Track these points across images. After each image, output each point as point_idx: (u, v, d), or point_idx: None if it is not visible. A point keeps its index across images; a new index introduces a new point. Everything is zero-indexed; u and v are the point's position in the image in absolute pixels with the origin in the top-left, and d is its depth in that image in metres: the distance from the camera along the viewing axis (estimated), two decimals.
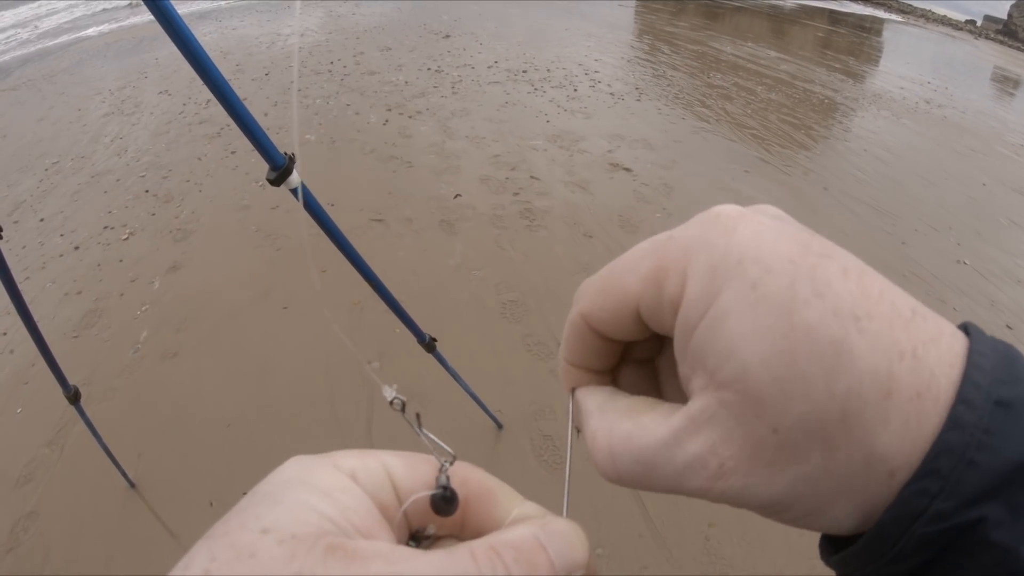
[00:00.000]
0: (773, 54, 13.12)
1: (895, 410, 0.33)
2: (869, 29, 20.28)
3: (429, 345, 2.35)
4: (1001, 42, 25.39)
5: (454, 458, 0.41)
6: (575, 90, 8.95)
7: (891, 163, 7.99)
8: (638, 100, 8.87)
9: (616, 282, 0.40)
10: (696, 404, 0.35)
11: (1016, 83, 15.81)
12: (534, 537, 0.35)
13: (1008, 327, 5.01)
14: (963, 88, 13.20)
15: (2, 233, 1.91)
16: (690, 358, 0.36)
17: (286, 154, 1.47)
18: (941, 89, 12.58)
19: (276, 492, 0.35)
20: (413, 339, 2.34)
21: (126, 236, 5.22)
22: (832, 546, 0.42)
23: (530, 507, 0.41)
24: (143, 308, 4.41)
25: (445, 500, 0.38)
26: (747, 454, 0.34)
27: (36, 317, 2.16)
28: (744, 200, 0.38)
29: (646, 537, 3.02)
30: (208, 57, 1.27)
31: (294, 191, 1.51)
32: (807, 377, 0.32)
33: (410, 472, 0.40)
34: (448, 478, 0.39)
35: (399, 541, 0.38)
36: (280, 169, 1.44)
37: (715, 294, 0.34)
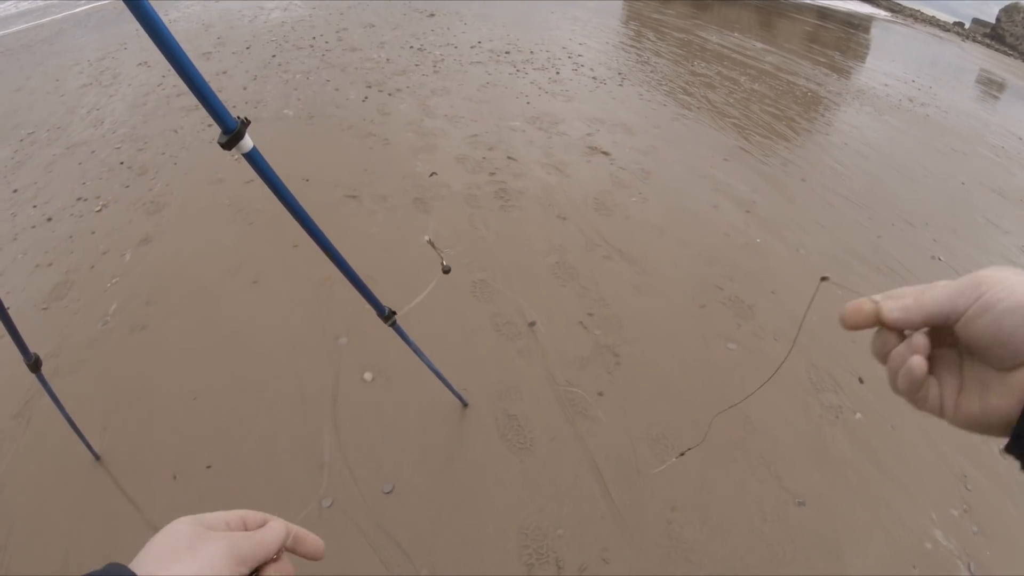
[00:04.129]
0: (759, 45, 13.13)
1: None
2: (857, 26, 20.30)
3: (388, 318, 2.34)
4: (988, 45, 25.45)
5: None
6: (557, 73, 8.93)
7: (871, 158, 8.01)
8: (620, 85, 8.86)
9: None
10: None
11: (1000, 86, 15.87)
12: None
13: None
14: (947, 88, 13.25)
15: None
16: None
17: (239, 118, 1.45)
18: (925, 88, 12.63)
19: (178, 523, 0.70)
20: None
21: (99, 208, 5.18)
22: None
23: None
24: (113, 280, 4.37)
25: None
26: None
27: (6, 289, 2.14)
28: (722, 186, 0.39)
29: (607, 519, 3.02)
30: (155, 12, 1.24)
31: (246, 156, 1.49)
32: None
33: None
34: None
35: None
36: (232, 132, 1.42)
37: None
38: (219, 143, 1.43)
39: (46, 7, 11.97)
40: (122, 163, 5.87)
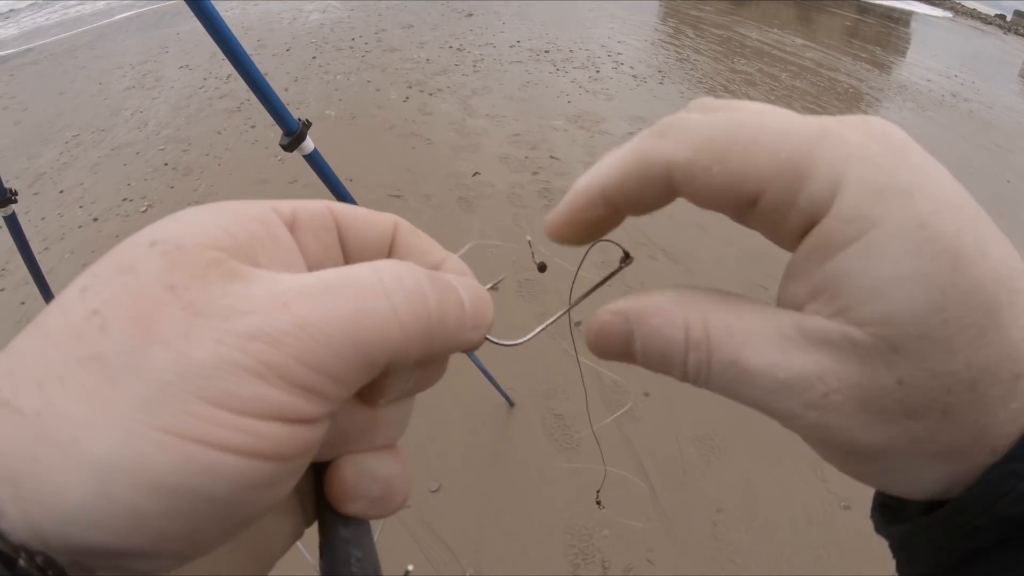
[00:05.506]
0: (799, 41, 13.00)
1: (1019, 393, 0.30)
2: (897, 19, 20.05)
3: None
4: None
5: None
6: (597, 71, 8.90)
7: None
8: (661, 83, 8.82)
9: (743, 151, 0.32)
10: (813, 322, 0.31)
11: None
12: (449, 278, 0.35)
13: None
14: (990, 83, 13.01)
15: (17, 197, 1.91)
16: (819, 280, 0.31)
17: (300, 120, 1.46)
18: (968, 83, 12.41)
19: (186, 211, 0.32)
20: None
21: (145, 208, 5.24)
22: (890, 516, 0.40)
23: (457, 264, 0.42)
24: None
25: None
26: (859, 394, 0.30)
27: (54, 287, 2.17)
28: None
29: (653, 520, 3.01)
30: (222, 19, 1.26)
31: (307, 157, 1.50)
32: (952, 340, 0.29)
33: (368, 224, 0.40)
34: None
35: None
36: (294, 134, 1.43)
37: (874, 221, 0.30)
38: (281, 145, 1.45)
39: (79, 13, 12.12)
40: (167, 164, 5.94)
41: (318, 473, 0.37)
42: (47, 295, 2.13)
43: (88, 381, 0.25)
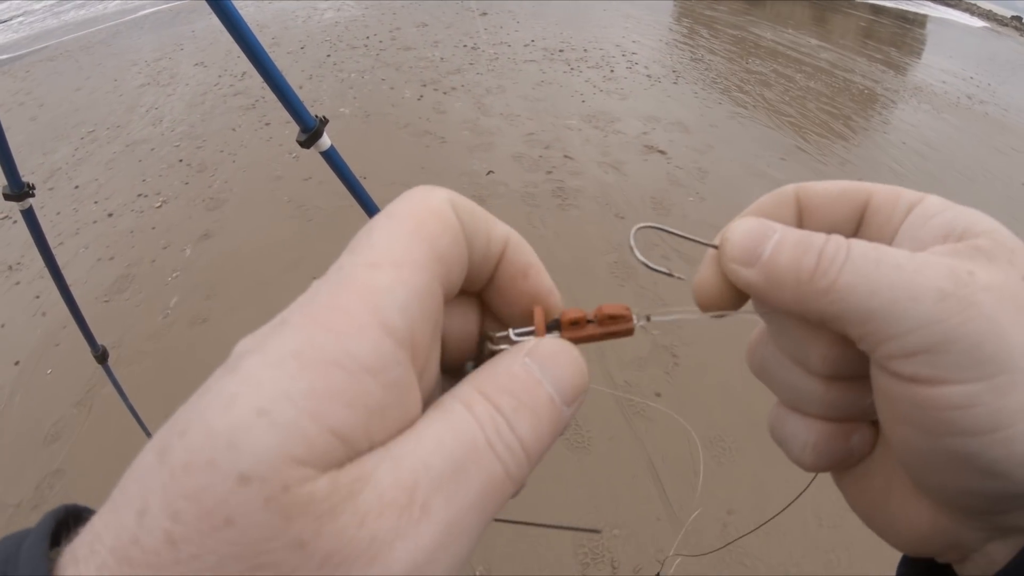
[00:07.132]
0: (814, 42, 12.93)
1: None
2: (912, 20, 19.92)
3: None
4: None
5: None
6: (612, 71, 8.88)
7: (930, 158, 7.85)
8: (675, 83, 8.79)
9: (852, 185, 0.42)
10: (937, 246, 0.36)
11: None
12: (526, 372, 0.30)
13: None
14: (1007, 85, 12.88)
15: (34, 191, 1.92)
16: (934, 231, 0.37)
17: (317, 117, 1.47)
18: (984, 85, 12.31)
19: (268, 384, 0.24)
20: None
21: (159, 204, 5.27)
22: None
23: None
24: (174, 274, 4.45)
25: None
26: (994, 284, 0.32)
27: (69, 281, 2.18)
28: (779, 186, 0.39)
29: (663, 521, 3.01)
30: (240, 16, 1.26)
31: (323, 154, 1.51)
32: None
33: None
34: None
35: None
36: (311, 131, 1.44)
37: (951, 205, 0.38)
38: (298, 141, 1.45)
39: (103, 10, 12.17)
40: (181, 160, 5.97)
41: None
42: (60, 284, 2.14)
43: None
